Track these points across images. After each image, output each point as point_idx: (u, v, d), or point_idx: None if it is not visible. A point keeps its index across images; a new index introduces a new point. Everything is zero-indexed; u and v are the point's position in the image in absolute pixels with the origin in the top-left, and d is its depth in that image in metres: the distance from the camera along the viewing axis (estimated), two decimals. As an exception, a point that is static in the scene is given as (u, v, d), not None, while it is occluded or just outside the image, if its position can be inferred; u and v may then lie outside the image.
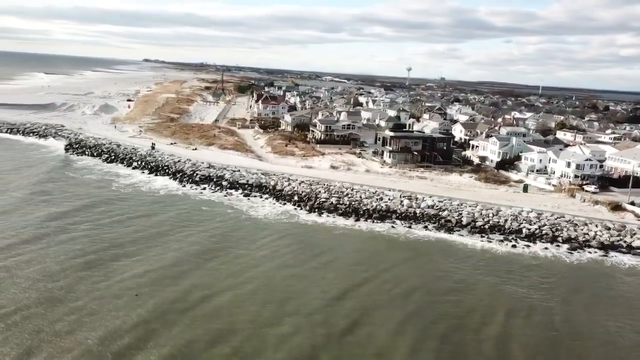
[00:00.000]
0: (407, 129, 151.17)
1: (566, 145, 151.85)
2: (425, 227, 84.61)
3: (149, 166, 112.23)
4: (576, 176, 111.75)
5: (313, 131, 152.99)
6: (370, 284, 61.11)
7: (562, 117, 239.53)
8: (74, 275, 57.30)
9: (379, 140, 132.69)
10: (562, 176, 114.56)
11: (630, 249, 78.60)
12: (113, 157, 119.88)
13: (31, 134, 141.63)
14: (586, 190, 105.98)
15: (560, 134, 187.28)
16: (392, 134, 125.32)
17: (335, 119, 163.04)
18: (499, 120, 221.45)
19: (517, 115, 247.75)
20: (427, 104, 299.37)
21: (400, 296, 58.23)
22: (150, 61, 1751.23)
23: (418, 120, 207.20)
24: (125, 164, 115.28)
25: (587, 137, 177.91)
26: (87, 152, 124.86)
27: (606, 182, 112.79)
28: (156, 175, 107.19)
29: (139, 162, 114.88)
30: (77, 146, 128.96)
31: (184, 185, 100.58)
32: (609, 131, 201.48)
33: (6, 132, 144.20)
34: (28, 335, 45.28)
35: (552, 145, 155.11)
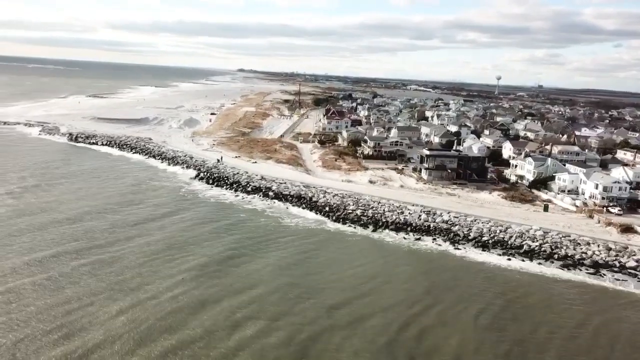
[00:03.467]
0: (447, 148, 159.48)
1: (624, 165, 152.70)
2: (434, 239, 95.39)
3: (213, 177, 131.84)
4: (603, 198, 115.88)
5: (363, 147, 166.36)
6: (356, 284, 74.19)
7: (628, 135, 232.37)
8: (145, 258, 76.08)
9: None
10: (590, 197, 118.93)
11: (622, 269, 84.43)
12: (186, 167, 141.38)
13: (124, 147, 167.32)
14: (610, 212, 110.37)
15: (620, 154, 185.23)
16: (428, 152, 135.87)
17: (385, 135, 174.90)
18: (563, 138, 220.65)
19: (586, 131, 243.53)
20: (498, 118, 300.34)
21: (362, 292, 70.71)
22: (245, 71, 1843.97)
23: (479, 136, 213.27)
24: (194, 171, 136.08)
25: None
26: (165, 162, 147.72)
27: (635, 204, 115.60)
28: (217, 185, 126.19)
29: (205, 173, 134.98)
30: (158, 157, 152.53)
31: (237, 195, 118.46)
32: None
33: (105, 144, 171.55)
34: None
35: (610, 165, 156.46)
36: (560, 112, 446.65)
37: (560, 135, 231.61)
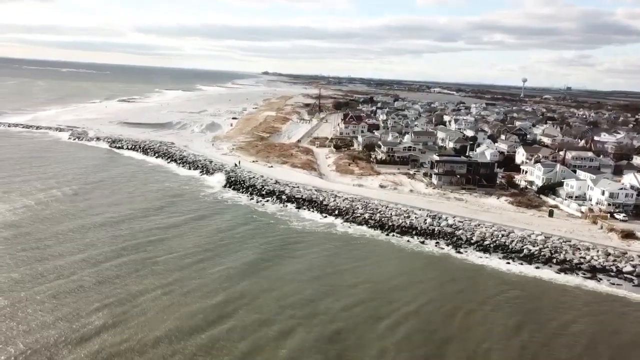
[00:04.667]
0: (461, 153, 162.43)
1: (639, 171, 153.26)
2: (437, 243, 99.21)
3: (230, 180, 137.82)
4: (609, 204, 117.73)
5: (377, 152, 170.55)
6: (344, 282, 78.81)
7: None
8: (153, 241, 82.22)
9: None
10: (597, 203, 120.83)
11: (618, 273, 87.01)
12: (205, 171, 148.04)
13: (147, 151, 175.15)
14: (615, 218, 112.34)
15: (637, 159, 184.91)
16: (437, 157, 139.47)
17: (399, 140, 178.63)
18: (581, 143, 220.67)
19: (605, 136, 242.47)
20: (517, 123, 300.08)
21: (345, 287, 75.21)
22: (269, 74, 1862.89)
23: (495, 141, 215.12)
24: (213, 177, 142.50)
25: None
26: (185, 166, 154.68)
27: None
28: (233, 188, 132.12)
29: (224, 177, 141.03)
30: (179, 161, 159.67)
31: (252, 198, 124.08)
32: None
33: (129, 148, 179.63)
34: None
35: (625, 170, 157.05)
36: (584, 116, 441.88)
37: (579, 141, 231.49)
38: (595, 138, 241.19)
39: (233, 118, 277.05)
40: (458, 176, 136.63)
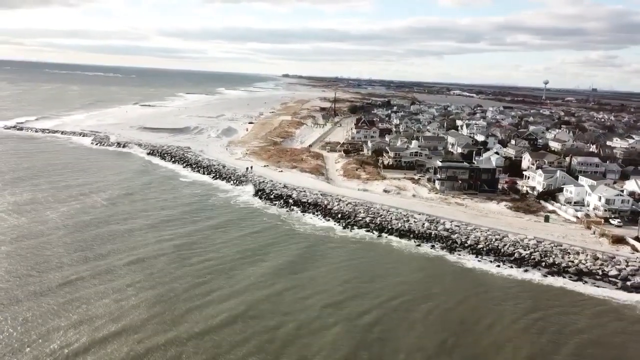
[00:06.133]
0: (468, 159, 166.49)
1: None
2: (432, 245, 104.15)
3: (242, 184, 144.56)
4: (606, 210, 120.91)
5: (385, 157, 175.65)
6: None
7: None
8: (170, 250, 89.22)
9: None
10: (594, 209, 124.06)
11: (603, 277, 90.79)
12: (218, 176, 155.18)
13: (165, 155, 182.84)
14: (611, 224, 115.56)
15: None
16: (440, 163, 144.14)
17: (406, 146, 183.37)
18: (592, 148, 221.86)
19: (617, 141, 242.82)
20: (531, 127, 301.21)
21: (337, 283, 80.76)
22: (289, 76, 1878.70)
23: (505, 146, 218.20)
24: (225, 181, 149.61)
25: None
26: (200, 171, 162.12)
27: (637, 216, 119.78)
28: (244, 191, 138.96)
29: (235, 181, 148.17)
30: (194, 166, 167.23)
31: (261, 201, 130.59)
32: None
33: (149, 154, 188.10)
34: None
35: (631, 176, 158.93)
36: (602, 120, 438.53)
37: (590, 145, 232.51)
38: (608, 143, 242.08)
39: (249, 122, 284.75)
40: (460, 181, 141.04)
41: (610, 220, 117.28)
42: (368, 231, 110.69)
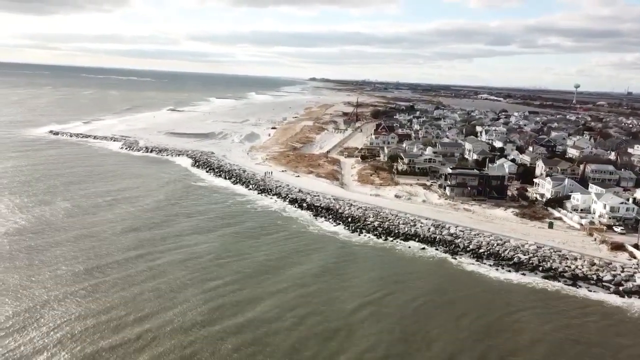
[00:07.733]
0: (483, 165, 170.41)
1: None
2: (436, 249, 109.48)
3: (259, 188, 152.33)
4: (610, 217, 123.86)
5: (399, 163, 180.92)
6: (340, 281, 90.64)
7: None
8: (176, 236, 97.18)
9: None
10: (600, 217, 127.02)
11: (598, 282, 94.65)
12: (238, 180, 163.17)
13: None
14: (614, 231, 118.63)
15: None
16: (450, 170, 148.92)
17: (420, 152, 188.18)
18: (611, 155, 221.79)
19: (638, 149, 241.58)
20: (553, 133, 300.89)
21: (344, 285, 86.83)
22: (316, 80, 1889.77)
23: (523, 153, 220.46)
24: (244, 186, 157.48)
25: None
26: (222, 175, 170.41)
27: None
28: (262, 195, 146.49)
29: (254, 185, 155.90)
30: (217, 170, 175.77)
31: (277, 204, 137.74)
32: None
33: (175, 155, 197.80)
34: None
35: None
36: (630, 125, 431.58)
37: (610, 152, 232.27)
38: (629, 150, 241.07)
39: (272, 128, 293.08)
40: (470, 188, 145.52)
41: (613, 227, 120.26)
42: (376, 235, 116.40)
